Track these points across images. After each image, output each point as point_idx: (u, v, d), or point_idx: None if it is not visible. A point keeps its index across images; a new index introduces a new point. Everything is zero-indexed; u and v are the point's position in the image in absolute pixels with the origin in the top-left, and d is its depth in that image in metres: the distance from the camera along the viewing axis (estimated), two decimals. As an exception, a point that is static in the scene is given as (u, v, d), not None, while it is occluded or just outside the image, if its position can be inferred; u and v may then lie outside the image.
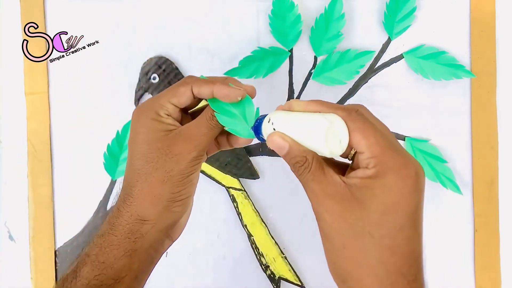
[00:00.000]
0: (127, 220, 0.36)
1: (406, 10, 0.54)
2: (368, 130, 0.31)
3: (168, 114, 0.37)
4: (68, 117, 0.57)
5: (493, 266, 0.55)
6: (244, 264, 0.57)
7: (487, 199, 0.55)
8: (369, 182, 0.30)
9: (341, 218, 0.30)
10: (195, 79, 0.37)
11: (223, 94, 0.36)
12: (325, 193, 0.31)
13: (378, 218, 0.29)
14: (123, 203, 0.36)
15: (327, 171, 0.32)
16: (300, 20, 0.54)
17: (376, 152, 0.30)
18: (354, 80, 0.56)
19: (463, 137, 0.56)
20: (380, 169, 0.30)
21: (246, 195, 0.56)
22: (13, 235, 0.57)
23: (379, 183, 0.30)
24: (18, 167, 0.57)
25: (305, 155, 0.32)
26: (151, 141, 0.36)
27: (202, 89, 0.36)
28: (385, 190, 0.30)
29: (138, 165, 0.36)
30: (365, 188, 0.30)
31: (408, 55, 0.55)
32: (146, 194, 0.35)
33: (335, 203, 0.30)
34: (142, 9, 0.57)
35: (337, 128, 0.31)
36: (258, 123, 0.36)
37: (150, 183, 0.35)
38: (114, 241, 0.35)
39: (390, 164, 0.30)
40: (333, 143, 0.31)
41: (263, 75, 0.55)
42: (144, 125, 0.36)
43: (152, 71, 0.55)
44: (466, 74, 0.54)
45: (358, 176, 0.31)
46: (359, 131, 0.31)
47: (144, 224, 0.36)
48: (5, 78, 0.57)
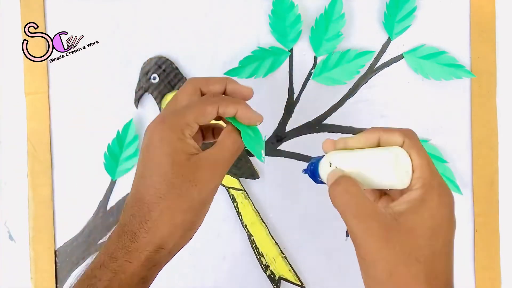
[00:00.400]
0: (144, 247, 0.34)
1: (406, 10, 0.54)
2: (423, 151, 0.32)
3: (190, 134, 0.35)
4: (68, 117, 0.57)
5: (493, 266, 0.55)
6: (244, 264, 0.56)
7: (487, 199, 0.55)
8: (417, 205, 0.31)
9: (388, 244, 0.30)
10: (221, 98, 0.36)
11: (246, 117, 0.36)
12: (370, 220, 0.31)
13: (424, 243, 0.30)
14: (140, 226, 0.34)
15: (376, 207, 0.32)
16: (300, 20, 0.54)
17: (425, 174, 0.31)
18: (354, 80, 0.56)
19: (463, 137, 0.56)
20: (427, 192, 0.31)
21: (246, 195, 0.56)
22: (13, 235, 0.57)
23: (426, 207, 0.31)
24: (18, 167, 0.57)
25: None
26: (176, 165, 0.34)
27: (228, 110, 0.36)
28: (432, 215, 0.31)
29: (160, 189, 0.34)
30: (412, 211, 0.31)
31: (408, 55, 0.55)
32: (166, 221, 0.34)
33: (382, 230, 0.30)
34: (142, 9, 0.57)
35: (402, 160, 0.32)
36: (314, 166, 0.37)
37: (172, 210, 0.34)
38: (130, 269, 0.33)
39: (435, 190, 0.31)
40: (401, 174, 0.32)
41: (263, 75, 0.55)
42: (169, 144, 0.34)
43: (152, 71, 0.55)
44: (466, 74, 0.54)
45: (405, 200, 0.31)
46: (415, 149, 0.32)
47: (161, 252, 0.34)
48: (5, 78, 0.57)
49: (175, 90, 0.55)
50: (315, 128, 0.56)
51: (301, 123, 0.56)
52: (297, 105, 0.56)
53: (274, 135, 0.56)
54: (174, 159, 0.34)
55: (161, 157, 0.34)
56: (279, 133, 0.56)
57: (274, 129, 0.56)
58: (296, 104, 0.56)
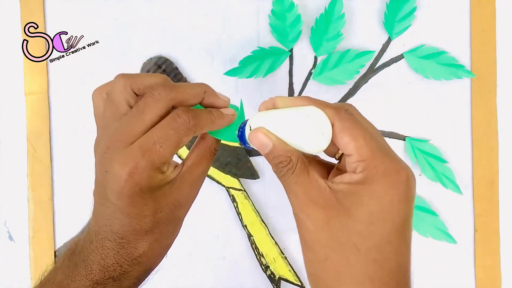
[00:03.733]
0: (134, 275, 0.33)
1: (406, 10, 0.54)
2: (358, 131, 0.28)
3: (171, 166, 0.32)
4: (68, 117, 0.57)
5: (493, 266, 0.55)
6: (244, 264, 0.56)
7: (487, 199, 0.55)
8: (357, 189, 0.27)
9: (325, 226, 0.27)
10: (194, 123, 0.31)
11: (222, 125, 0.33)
12: (309, 198, 0.28)
13: (365, 228, 0.27)
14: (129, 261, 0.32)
15: (312, 174, 0.29)
16: (300, 20, 0.54)
17: (365, 156, 0.28)
18: (354, 80, 0.56)
19: (463, 137, 0.56)
20: (369, 174, 0.27)
21: (246, 195, 0.56)
22: (13, 235, 0.57)
23: (367, 190, 0.27)
24: (18, 167, 0.57)
25: (289, 155, 0.29)
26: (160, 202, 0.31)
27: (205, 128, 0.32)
28: (374, 198, 0.27)
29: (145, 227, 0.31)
30: (352, 194, 0.27)
31: (408, 55, 0.55)
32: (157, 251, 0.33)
33: (320, 210, 0.28)
34: (142, 9, 0.57)
35: (317, 121, 0.29)
36: (241, 131, 0.33)
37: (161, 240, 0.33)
38: None
39: (380, 169, 0.27)
40: (315, 138, 0.29)
41: (263, 75, 0.55)
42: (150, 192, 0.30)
43: (152, 71, 0.55)
44: (466, 74, 0.54)
45: (344, 181, 0.28)
46: (347, 131, 0.28)
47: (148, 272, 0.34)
48: (5, 78, 0.57)
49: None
50: (315, 128, 0.56)
51: (301, 123, 0.56)
52: (297, 105, 0.56)
53: (274, 135, 0.56)
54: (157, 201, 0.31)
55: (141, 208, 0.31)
56: (279, 133, 0.56)
57: (274, 129, 0.56)
58: (296, 104, 0.56)
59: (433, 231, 0.54)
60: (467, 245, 0.55)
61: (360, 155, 0.28)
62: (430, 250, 0.56)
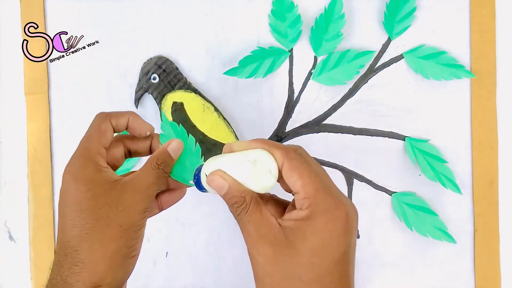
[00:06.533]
0: None
1: (406, 10, 0.54)
2: (304, 170, 0.31)
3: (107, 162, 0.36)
4: (68, 117, 0.57)
5: (493, 266, 0.55)
6: (244, 264, 0.56)
7: (487, 199, 0.55)
8: (302, 224, 0.30)
9: (273, 260, 0.30)
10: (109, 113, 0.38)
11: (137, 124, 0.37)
12: (260, 235, 0.31)
13: (307, 261, 0.29)
14: (70, 272, 0.32)
15: (265, 213, 0.31)
16: (300, 20, 0.54)
17: (309, 193, 0.30)
18: (354, 80, 0.56)
19: (463, 137, 0.56)
20: (312, 211, 0.30)
21: (246, 195, 0.56)
22: (13, 235, 0.57)
23: (310, 225, 0.30)
24: (18, 167, 0.57)
25: (244, 195, 0.32)
26: (98, 196, 0.33)
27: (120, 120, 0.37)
28: (315, 232, 0.29)
29: (84, 225, 0.33)
30: (298, 230, 0.30)
31: (408, 55, 0.55)
32: (99, 255, 0.33)
33: (268, 246, 0.30)
34: (142, 9, 0.57)
35: (263, 164, 0.32)
36: (197, 177, 0.36)
37: (104, 242, 0.33)
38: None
39: (322, 206, 0.30)
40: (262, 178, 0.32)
41: (263, 75, 0.55)
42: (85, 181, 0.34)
43: (152, 71, 0.55)
44: (466, 74, 0.54)
45: (292, 218, 0.31)
46: (295, 170, 0.31)
47: None
48: (5, 78, 0.57)
49: (175, 90, 0.55)
50: (315, 128, 0.56)
51: (301, 123, 0.56)
52: (297, 105, 0.56)
53: (274, 135, 0.56)
54: (95, 191, 0.34)
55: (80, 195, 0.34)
56: (279, 133, 0.56)
57: (274, 129, 0.56)
58: (296, 104, 0.56)
59: (432, 231, 0.54)
60: (466, 245, 0.56)
61: (306, 193, 0.30)
62: (429, 250, 0.56)
